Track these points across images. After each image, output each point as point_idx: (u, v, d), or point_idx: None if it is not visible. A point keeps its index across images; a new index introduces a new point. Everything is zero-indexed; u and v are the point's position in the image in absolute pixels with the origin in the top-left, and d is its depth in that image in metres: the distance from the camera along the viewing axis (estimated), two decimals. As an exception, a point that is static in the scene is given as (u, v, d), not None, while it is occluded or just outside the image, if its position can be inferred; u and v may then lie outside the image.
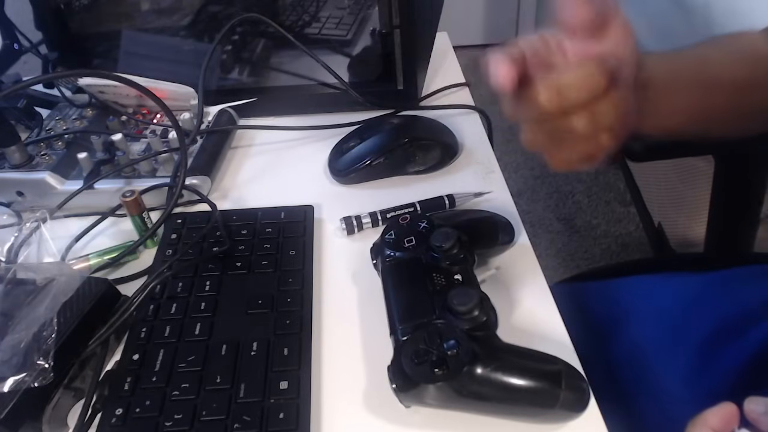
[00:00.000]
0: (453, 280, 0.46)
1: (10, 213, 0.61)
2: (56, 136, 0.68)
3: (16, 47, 0.74)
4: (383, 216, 0.59)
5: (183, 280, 0.52)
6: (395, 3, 0.69)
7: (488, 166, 0.66)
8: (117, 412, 0.43)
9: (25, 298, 0.46)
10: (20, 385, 0.40)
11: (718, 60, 0.50)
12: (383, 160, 0.64)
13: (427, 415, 0.43)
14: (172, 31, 0.77)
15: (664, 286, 0.67)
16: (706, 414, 0.37)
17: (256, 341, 0.47)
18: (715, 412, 0.37)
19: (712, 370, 0.58)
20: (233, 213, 0.60)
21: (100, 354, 0.47)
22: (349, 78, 0.76)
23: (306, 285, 0.52)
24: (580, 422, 0.41)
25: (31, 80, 0.58)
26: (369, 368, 0.47)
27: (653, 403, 0.59)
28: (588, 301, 0.70)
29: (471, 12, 2.59)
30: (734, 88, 0.50)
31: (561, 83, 0.39)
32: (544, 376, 0.40)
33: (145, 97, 0.65)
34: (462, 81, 0.80)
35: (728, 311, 0.61)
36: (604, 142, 0.41)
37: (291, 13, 0.75)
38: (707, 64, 0.50)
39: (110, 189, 0.62)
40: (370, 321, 0.50)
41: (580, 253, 1.71)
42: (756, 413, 0.37)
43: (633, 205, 1.80)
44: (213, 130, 0.70)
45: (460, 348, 0.39)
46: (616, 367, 0.62)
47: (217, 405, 0.43)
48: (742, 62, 0.51)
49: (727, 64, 0.50)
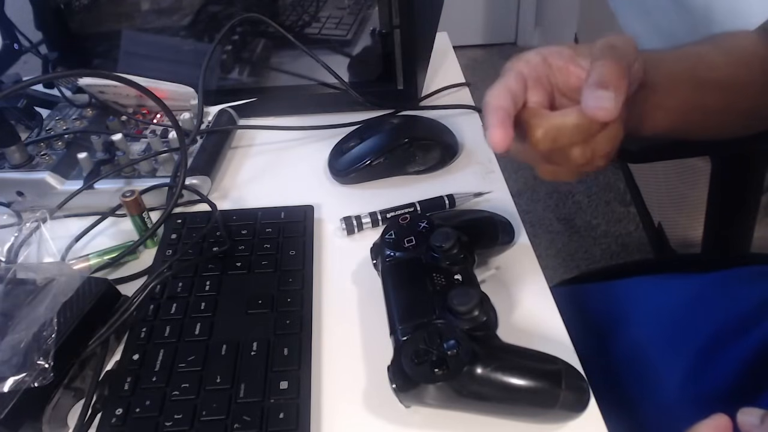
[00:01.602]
0: (453, 280, 0.46)
1: (10, 213, 0.61)
2: (56, 136, 0.68)
3: (16, 47, 0.74)
4: (383, 216, 0.59)
5: (183, 280, 0.52)
6: (395, 3, 0.69)
7: (488, 166, 0.67)
8: (117, 412, 0.43)
9: (25, 298, 0.46)
10: (20, 385, 0.40)
11: (712, 60, 0.50)
12: (383, 160, 0.64)
13: (427, 415, 0.43)
14: (172, 31, 0.77)
15: (663, 287, 0.67)
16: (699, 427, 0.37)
17: (256, 341, 0.47)
18: (708, 423, 0.36)
19: (712, 371, 0.58)
20: (233, 213, 0.60)
21: (100, 354, 0.47)
22: (349, 78, 0.76)
23: (306, 285, 0.52)
24: (580, 422, 0.41)
25: (31, 80, 0.58)
26: (369, 368, 0.47)
27: (653, 404, 0.59)
28: (588, 302, 0.70)
29: (471, 12, 2.59)
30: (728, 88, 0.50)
31: (558, 127, 0.39)
32: (544, 376, 0.40)
33: (145, 97, 0.65)
34: (462, 81, 0.80)
35: (728, 312, 0.61)
36: (598, 164, 0.41)
37: (291, 13, 0.75)
38: (701, 64, 0.50)
39: (110, 189, 0.62)
40: (370, 321, 0.50)
41: (580, 253, 1.71)
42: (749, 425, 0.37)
43: (633, 205, 1.80)
44: (213, 130, 0.70)
45: (460, 348, 0.39)
46: (616, 367, 0.62)
47: (217, 405, 0.43)
48: (735, 62, 0.51)
49: (721, 63, 0.50)
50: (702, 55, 0.50)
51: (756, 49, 0.51)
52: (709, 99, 0.49)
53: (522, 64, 0.42)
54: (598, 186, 1.91)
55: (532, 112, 0.41)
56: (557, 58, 0.43)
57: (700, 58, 0.50)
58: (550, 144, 0.39)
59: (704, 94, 0.49)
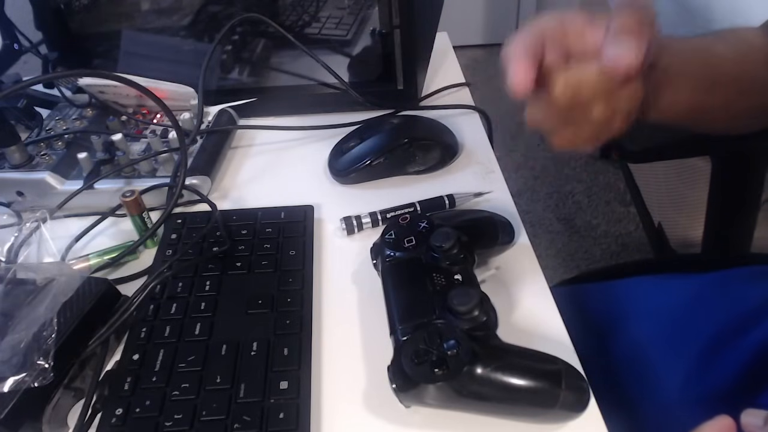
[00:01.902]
0: (453, 280, 0.46)
1: (10, 213, 0.61)
2: (56, 136, 0.68)
3: (16, 47, 0.74)
4: (383, 216, 0.59)
5: (183, 280, 0.52)
6: (395, 3, 0.69)
7: (488, 166, 0.67)
8: (117, 412, 0.43)
9: (25, 298, 0.46)
10: (20, 385, 0.40)
11: (719, 53, 0.50)
12: (383, 160, 0.64)
13: (427, 415, 0.43)
14: (172, 31, 0.77)
15: (663, 286, 0.67)
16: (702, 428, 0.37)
17: (256, 341, 0.47)
18: (711, 425, 0.36)
19: (712, 371, 0.58)
20: (233, 213, 0.60)
21: (100, 354, 0.47)
22: (349, 78, 0.76)
23: (306, 285, 0.52)
24: (580, 422, 0.41)
25: (31, 80, 0.58)
26: (369, 368, 0.47)
27: (653, 404, 0.59)
28: (588, 302, 0.70)
29: (471, 12, 2.59)
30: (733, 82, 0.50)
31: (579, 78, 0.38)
32: (544, 376, 0.40)
33: (145, 97, 0.65)
34: (462, 81, 0.80)
35: (728, 312, 0.61)
36: (616, 125, 0.40)
37: (291, 13, 0.75)
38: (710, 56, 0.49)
39: (110, 189, 0.62)
40: (370, 321, 0.50)
41: (580, 253, 1.71)
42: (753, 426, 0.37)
43: (633, 205, 1.80)
44: (213, 130, 0.70)
45: (460, 348, 0.39)
46: (616, 367, 0.62)
47: (217, 405, 0.43)
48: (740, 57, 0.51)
49: (727, 58, 0.50)
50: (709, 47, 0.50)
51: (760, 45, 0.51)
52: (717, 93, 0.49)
53: (539, 25, 0.41)
54: (598, 186, 1.91)
55: (552, 66, 0.39)
56: (573, 23, 0.41)
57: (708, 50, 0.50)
58: (571, 97, 0.38)
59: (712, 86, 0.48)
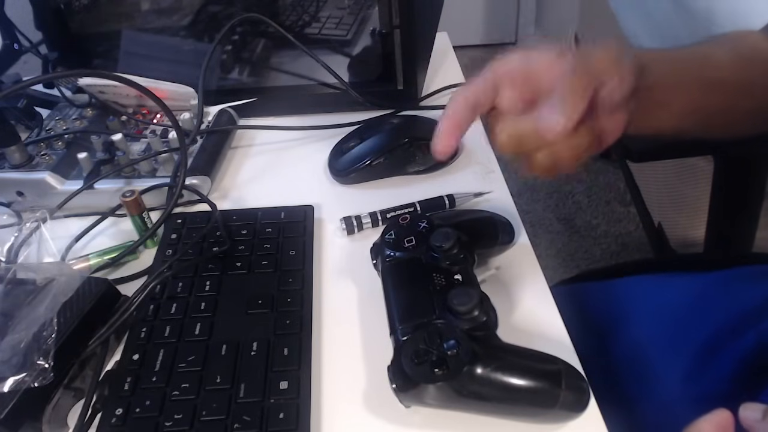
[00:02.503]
0: (453, 280, 0.46)
1: (10, 213, 0.61)
2: (56, 136, 0.68)
3: (16, 47, 0.74)
4: (383, 216, 0.59)
5: (183, 280, 0.52)
6: (395, 3, 0.69)
7: (488, 166, 0.66)
8: (117, 412, 0.43)
9: (25, 298, 0.46)
10: (20, 385, 0.40)
11: (717, 59, 0.50)
12: (383, 160, 0.64)
13: (427, 415, 0.43)
14: (172, 31, 0.77)
15: (664, 286, 0.67)
16: (700, 422, 0.37)
17: (256, 341, 0.47)
18: (709, 419, 0.36)
19: (712, 370, 0.58)
20: (233, 213, 0.60)
21: (100, 354, 0.47)
22: (349, 78, 0.76)
23: (306, 285, 0.52)
24: (580, 422, 0.41)
25: (31, 80, 0.58)
26: (369, 368, 0.47)
27: (653, 403, 0.59)
28: (588, 301, 0.70)
29: (471, 12, 2.59)
30: (733, 87, 0.50)
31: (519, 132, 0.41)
32: (544, 376, 0.40)
33: (145, 97, 0.65)
34: (462, 81, 0.80)
35: (728, 311, 0.61)
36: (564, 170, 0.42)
37: (291, 13, 0.75)
38: (707, 64, 0.49)
39: (110, 189, 0.62)
40: (370, 321, 0.50)
41: (580, 253, 1.71)
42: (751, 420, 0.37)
43: (633, 205, 1.80)
44: (213, 130, 0.70)
45: (460, 348, 0.39)
46: (616, 367, 0.62)
47: (217, 405, 0.43)
48: (741, 62, 0.51)
49: (726, 63, 0.50)
50: (707, 54, 0.50)
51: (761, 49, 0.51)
52: (715, 99, 0.49)
53: (499, 65, 0.44)
54: (598, 186, 1.91)
55: (498, 116, 0.43)
56: (539, 60, 0.43)
57: (706, 58, 0.50)
58: (515, 147, 0.41)
59: (710, 94, 0.49)
